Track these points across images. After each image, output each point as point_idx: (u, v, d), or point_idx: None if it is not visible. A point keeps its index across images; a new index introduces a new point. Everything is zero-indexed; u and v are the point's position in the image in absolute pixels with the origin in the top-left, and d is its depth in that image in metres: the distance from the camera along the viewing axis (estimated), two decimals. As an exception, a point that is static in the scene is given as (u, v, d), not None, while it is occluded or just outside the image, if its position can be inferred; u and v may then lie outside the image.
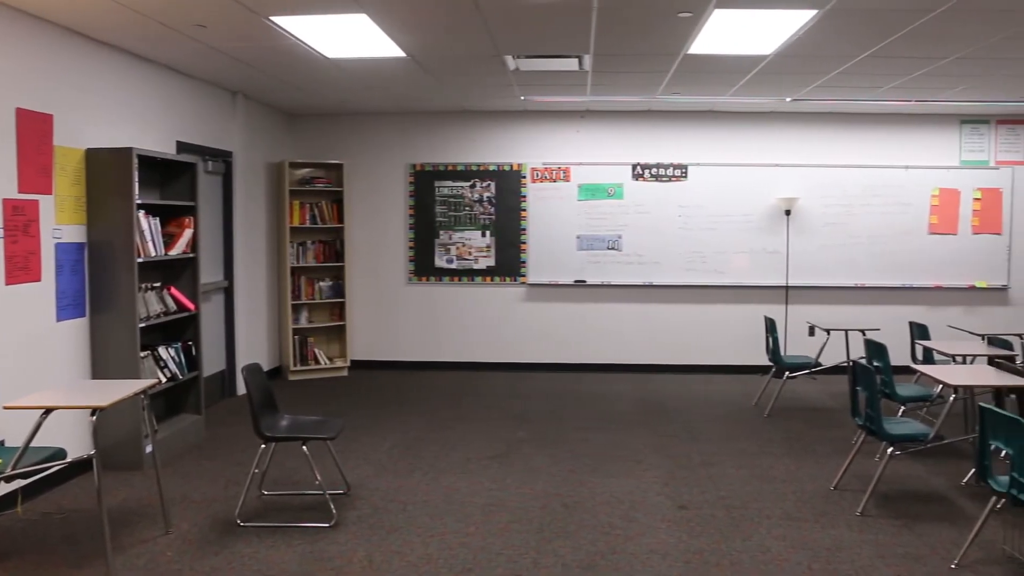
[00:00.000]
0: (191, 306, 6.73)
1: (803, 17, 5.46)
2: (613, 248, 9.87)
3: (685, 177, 9.82)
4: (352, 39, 6.17)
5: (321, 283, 9.69)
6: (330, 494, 5.21)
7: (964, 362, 6.75)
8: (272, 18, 5.52)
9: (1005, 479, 4.14)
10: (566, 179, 9.85)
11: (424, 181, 9.96)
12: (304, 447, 5.04)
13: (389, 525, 4.96)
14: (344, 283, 9.75)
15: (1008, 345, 7.01)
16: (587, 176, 9.85)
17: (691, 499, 5.48)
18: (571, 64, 7.05)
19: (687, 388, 9.12)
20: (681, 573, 4.32)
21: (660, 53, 6.61)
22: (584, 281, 9.91)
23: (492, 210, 9.93)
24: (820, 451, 6.66)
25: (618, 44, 6.32)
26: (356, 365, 9.99)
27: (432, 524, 4.99)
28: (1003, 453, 4.11)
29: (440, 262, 10.01)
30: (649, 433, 7.19)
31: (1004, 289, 9.96)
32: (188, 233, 6.66)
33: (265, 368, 8.54)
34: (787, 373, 8.11)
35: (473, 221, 9.95)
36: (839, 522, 5.08)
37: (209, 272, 7.97)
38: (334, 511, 5.06)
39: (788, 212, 9.77)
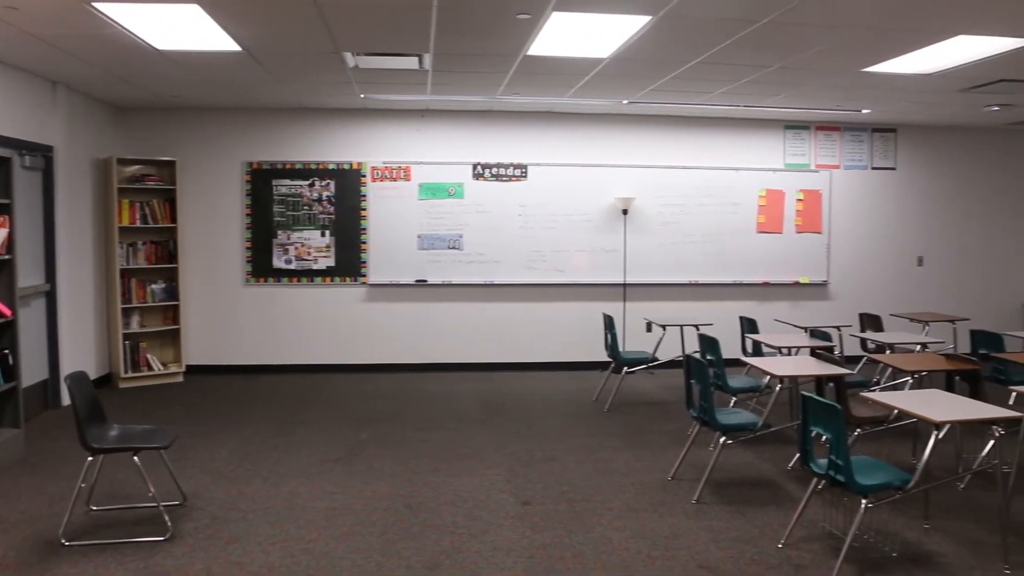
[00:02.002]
0: (7, 311, 6.31)
1: (638, 22, 5.61)
2: (454, 247, 9.89)
3: (525, 177, 9.94)
4: (184, 31, 5.93)
5: (153, 285, 9.28)
6: (164, 506, 4.99)
7: (789, 354, 7.10)
8: (95, 4, 5.24)
9: (824, 462, 4.39)
10: (407, 178, 9.80)
11: (261, 180, 9.69)
12: (135, 458, 4.81)
13: (228, 535, 4.80)
14: (178, 285, 9.36)
15: (828, 337, 7.44)
16: (428, 175, 9.82)
17: (534, 495, 5.54)
18: (411, 63, 7.02)
19: (529, 385, 9.23)
20: (525, 568, 4.36)
21: (500, 54, 6.66)
22: (425, 280, 9.88)
23: (332, 209, 9.77)
24: (658, 443, 6.87)
25: (458, 44, 6.33)
26: (192, 370, 9.62)
27: (273, 532, 4.86)
28: (823, 438, 4.35)
29: (278, 263, 9.77)
30: (491, 431, 7.24)
31: (824, 285, 10.58)
32: (2, 233, 6.24)
33: (93, 376, 8.12)
34: (625, 368, 8.32)
35: (312, 221, 9.76)
36: (676, 510, 5.26)
37: (28, 275, 7.49)
38: (169, 523, 4.84)
39: (625, 211, 10.04)
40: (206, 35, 6.02)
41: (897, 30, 5.71)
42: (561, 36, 6.04)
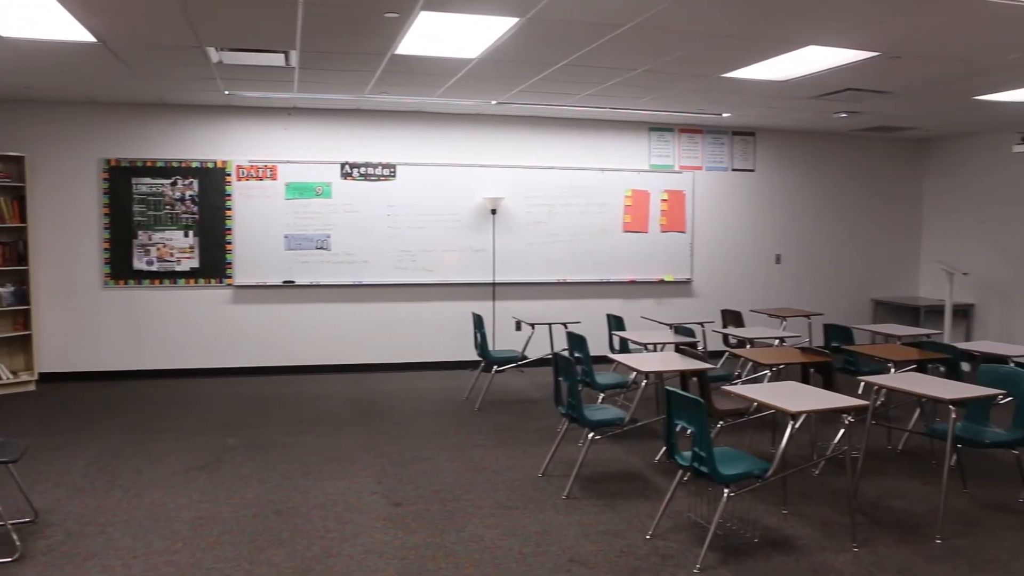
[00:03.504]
0: None
1: (506, 24, 5.65)
2: (322, 248, 9.75)
3: (394, 177, 9.88)
4: (31, 18, 5.62)
5: (1, 289, 8.80)
6: (13, 524, 4.74)
7: (655, 350, 7.29)
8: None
9: (689, 454, 4.54)
10: (273, 177, 9.60)
11: (120, 178, 9.31)
12: (-18, 471, 4.55)
13: (85, 551, 4.60)
14: (29, 288, 8.89)
15: (691, 333, 7.68)
16: (295, 175, 9.65)
17: (405, 496, 5.53)
18: (277, 59, 6.88)
19: (399, 386, 9.19)
20: (397, 570, 4.35)
21: (368, 52, 6.61)
22: (293, 282, 9.70)
23: (195, 209, 9.47)
24: (528, 440, 6.94)
25: (325, 41, 6.24)
26: (46, 378, 9.17)
27: (135, 545, 4.68)
28: (688, 431, 4.49)
29: (139, 264, 9.41)
30: (362, 433, 7.17)
31: (688, 282, 10.91)
32: None
33: (-67, 385, 7.64)
34: (495, 367, 8.37)
35: (175, 221, 9.45)
36: (547, 507, 5.33)
37: None
38: (18, 543, 4.59)
39: (494, 211, 10.10)
40: (56, 23, 5.72)
41: (751, 38, 5.93)
42: (429, 36, 6.03)
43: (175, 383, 9.27)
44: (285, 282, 9.70)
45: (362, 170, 9.82)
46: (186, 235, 9.48)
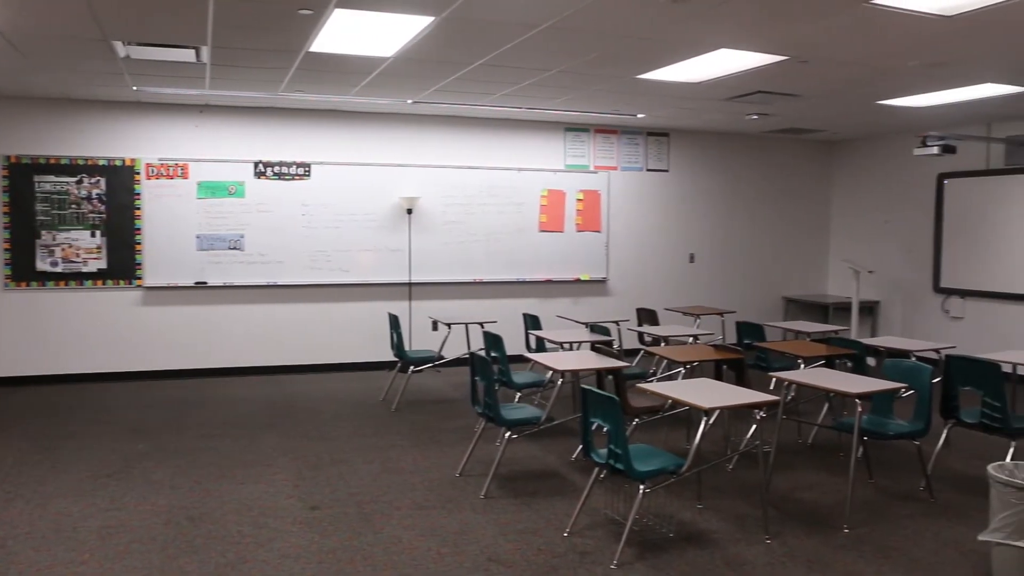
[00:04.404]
0: None
1: (421, 23, 5.63)
2: (235, 248, 9.57)
3: (308, 176, 9.76)
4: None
5: None
6: (-91, 533, 4.55)
7: (571, 349, 7.35)
8: None
9: (605, 451, 4.58)
10: (184, 176, 9.38)
11: (21, 175, 8.98)
12: None
13: (-15, 561, 4.44)
14: (-77, 291, 8.55)
15: (607, 331, 7.77)
16: (207, 173, 9.45)
17: (322, 499, 5.46)
18: (188, 55, 6.73)
19: (316, 387, 9.08)
20: (314, 574, 4.29)
21: (281, 49, 6.51)
22: (205, 283, 9.50)
23: (103, 208, 9.20)
24: (445, 440, 6.93)
25: (238, 37, 6.13)
26: (-59, 383, 8.81)
27: (38, 557, 4.52)
28: (604, 429, 4.54)
29: (43, 265, 9.09)
30: (278, 436, 7.07)
31: (604, 281, 11.02)
32: None
33: None
34: (412, 367, 8.34)
35: (81, 220, 9.16)
36: (465, 506, 5.33)
37: None
38: (-85, 552, 4.42)
39: (410, 211, 10.06)
40: (-48, 18, 5.52)
41: (664, 40, 6.03)
42: (344, 33, 5.97)
43: (83, 388, 8.99)
44: (197, 283, 9.49)
45: (276, 169, 9.67)
46: (93, 235, 9.20)
